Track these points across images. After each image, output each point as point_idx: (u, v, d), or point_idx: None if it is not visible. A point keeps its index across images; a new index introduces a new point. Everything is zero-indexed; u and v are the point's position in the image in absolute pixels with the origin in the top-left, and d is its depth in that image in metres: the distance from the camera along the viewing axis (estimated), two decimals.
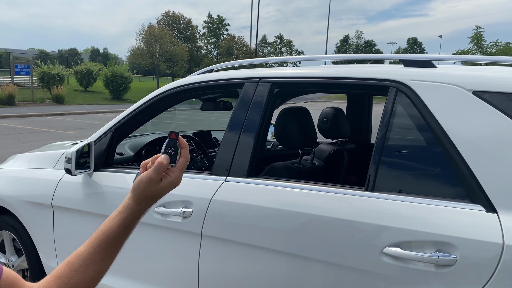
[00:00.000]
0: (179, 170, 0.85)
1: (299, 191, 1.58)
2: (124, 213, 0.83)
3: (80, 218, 2.15)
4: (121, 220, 0.82)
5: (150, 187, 0.83)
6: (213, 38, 61.11)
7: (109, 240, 0.81)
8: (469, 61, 1.81)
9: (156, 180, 0.83)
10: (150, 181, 0.82)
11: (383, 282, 1.35)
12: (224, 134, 1.85)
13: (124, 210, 0.83)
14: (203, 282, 1.76)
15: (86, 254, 0.79)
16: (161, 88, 2.14)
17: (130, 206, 0.83)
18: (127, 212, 0.83)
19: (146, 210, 0.85)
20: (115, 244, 0.82)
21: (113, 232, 0.81)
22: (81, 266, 0.78)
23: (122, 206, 0.84)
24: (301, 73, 1.80)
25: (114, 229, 0.82)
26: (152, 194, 0.84)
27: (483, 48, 23.31)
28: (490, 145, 1.28)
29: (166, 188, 0.85)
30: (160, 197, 0.87)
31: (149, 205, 0.85)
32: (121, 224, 0.82)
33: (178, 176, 0.86)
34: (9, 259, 2.62)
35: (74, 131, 11.44)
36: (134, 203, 0.83)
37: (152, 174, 0.82)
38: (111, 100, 23.70)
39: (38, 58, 30.28)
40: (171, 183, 0.85)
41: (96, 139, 2.20)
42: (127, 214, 0.83)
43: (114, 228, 0.82)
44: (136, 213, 0.84)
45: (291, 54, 63.89)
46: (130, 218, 0.83)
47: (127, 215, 0.83)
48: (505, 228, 1.20)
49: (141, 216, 0.85)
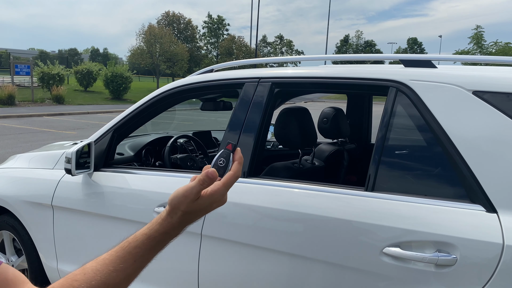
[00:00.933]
0: (223, 185, 0.75)
1: (299, 191, 1.58)
2: (154, 223, 0.74)
3: (80, 218, 2.15)
4: (147, 229, 0.74)
5: (186, 200, 0.73)
6: (213, 38, 61.09)
7: (130, 250, 0.71)
8: (469, 61, 1.81)
9: (195, 193, 0.73)
10: (188, 194, 0.73)
11: (383, 282, 1.35)
12: (224, 134, 1.85)
13: (155, 220, 0.75)
14: (203, 282, 1.76)
15: (101, 260, 0.71)
16: (161, 88, 2.14)
17: (161, 217, 0.75)
18: (157, 222, 0.74)
19: (179, 226, 0.75)
20: (134, 255, 0.71)
21: (136, 240, 0.72)
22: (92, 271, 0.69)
23: (156, 216, 0.76)
24: (301, 73, 1.80)
25: (138, 237, 0.72)
26: (188, 210, 0.74)
27: (483, 48, 23.32)
28: (490, 145, 1.28)
29: (205, 205, 0.74)
30: (197, 216, 0.76)
31: (183, 222, 0.75)
32: (147, 233, 0.73)
33: (221, 192, 0.74)
34: (9, 259, 2.62)
35: (74, 131, 11.44)
36: (166, 215, 0.74)
37: (193, 187, 0.73)
38: (111, 100, 23.70)
39: (38, 58, 30.25)
40: (211, 198, 0.74)
41: (96, 139, 2.20)
42: (155, 224, 0.74)
43: (138, 236, 0.73)
44: (166, 226, 0.74)
45: (291, 54, 63.89)
46: (158, 229, 0.73)
47: (155, 225, 0.74)
48: (505, 228, 1.20)
49: (172, 233, 0.75)
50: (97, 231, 2.11)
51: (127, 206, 1.97)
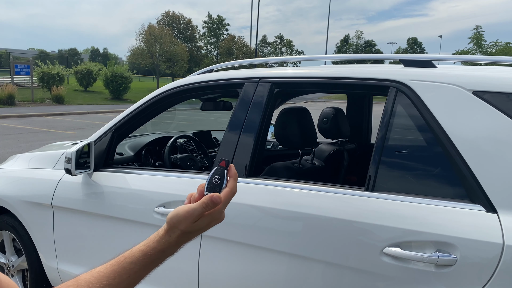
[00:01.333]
0: (222, 203, 0.76)
1: (299, 191, 1.58)
2: (151, 240, 0.75)
3: (80, 218, 2.15)
4: (144, 246, 0.74)
5: (187, 221, 0.74)
6: (213, 38, 61.09)
7: (125, 265, 0.72)
8: (469, 61, 1.81)
9: (197, 215, 0.74)
10: (190, 216, 0.74)
11: (383, 282, 1.35)
12: (224, 134, 1.85)
13: (152, 237, 0.76)
14: (203, 282, 1.76)
15: (95, 273, 0.71)
16: (161, 88, 2.14)
17: (159, 234, 0.76)
18: (154, 239, 0.75)
19: (176, 245, 0.76)
20: (129, 271, 0.71)
21: (132, 256, 0.72)
22: (86, 284, 0.69)
23: (154, 233, 0.77)
24: (301, 73, 1.80)
25: (134, 252, 0.73)
26: (187, 230, 0.75)
27: (483, 48, 23.33)
28: (490, 145, 1.28)
29: (204, 225, 0.76)
30: (195, 235, 0.78)
31: (181, 241, 0.76)
32: (143, 249, 0.73)
33: (220, 210, 0.76)
34: (9, 259, 2.62)
35: (74, 131, 11.44)
36: (164, 233, 0.75)
37: (195, 209, 0.74)
38: (111, 100, 23.70)
39: (38, 58, 30.30)
40: (211, 217, 0.76)
41: (96, 139, 2.20)
42: (153, 242, 0.75)
43: (134, 251, 0.73)
44: (163, 244, 0.75)
45: (291, 54, 63.89)
46: (155, 247, 0.74)
47: (152, 243, 0.75)
48: (505, 228, 1.20)
49: (168, 251, 0.76)
50: (97, 231, 2.11)
51: (127, 206, 1.97)
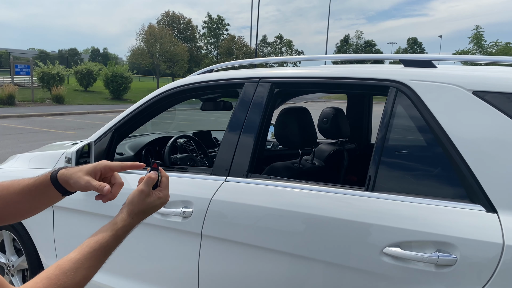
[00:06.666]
0: (164, 187, 1.00)
1: (299, 191, 1.58)
2: (118, 224, 0.91)
3: (80, 218, 2.15)
4: (114, 231, 0.89)
5: (142, 200, 0.94)
6: (213, 38, 61.07)
7: (101, 248, 0.86)
8: (469, 61, 1.81)
9: (147, 192, 0.95)
10: (141, 193, 0.95)
11: (383, 282, 1.35)
12: (224, 134, 1.85)
13: (118, 221, 0.91)
14: (203, 282, 1.76)
15: (76, 259, 0.83)
16: (161, 88, 2.14)
17: (123, 219, 0.92)
18: (121, 224, 0.91)
19: (136, 224, 0.94)
20: (105, 253, 0.88)
21: (106, 241, 0.87)
22: (71, 269, 0.81)
23: (116, 218, 0.93)
24: (301, 73, 1.80)
25: (107, 238, 0.88)
26: (144, 209, 0.95)
27: (483, 48, 23.33)
28: (490, 146, 1.28)
29: (156, 203, 0.97)
30: (150, 213, 0.97)
31: (140, 220, 0.95)
32: (114, 234, 0.89)
33: (165, 193, 1.00)
34: (9, 259, 2.62)
35: (74, 131, 11.44)
36: (127, 216, 0.92)
37: (143, 187, 0.96)
38: (111, 100, 23.69)
39: (38, 58, 30.29)
40: (160, 198, 0.98)
41: (96, 139, 2.20)
42: (120, 226, 0.90)
43: (107, 237, 0.88)
44: (128, 225, 0.92)
45: (291, 54, 63.89)
46: (123, 229, 0.90)
47: (120, 227, 0.90)
48: (505, 228, 1.20)
49: (132, 230, 0.94)
50: None
51: None
